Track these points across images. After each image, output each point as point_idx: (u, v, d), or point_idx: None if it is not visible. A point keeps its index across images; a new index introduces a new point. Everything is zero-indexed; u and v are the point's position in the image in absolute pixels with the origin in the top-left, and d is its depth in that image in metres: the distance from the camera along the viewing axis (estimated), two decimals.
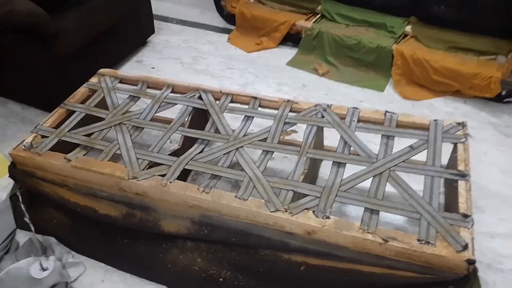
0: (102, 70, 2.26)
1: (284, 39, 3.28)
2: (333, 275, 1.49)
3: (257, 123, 2.03)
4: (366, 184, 1.59)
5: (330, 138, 1.97)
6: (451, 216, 1.44)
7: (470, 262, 1.30)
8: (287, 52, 3.21)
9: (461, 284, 1.34)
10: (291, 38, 3.26)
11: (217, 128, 1.89)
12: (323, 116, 1.87)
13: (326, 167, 1.88)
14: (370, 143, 1.78)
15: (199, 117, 2.03)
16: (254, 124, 1.95)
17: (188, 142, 1.90)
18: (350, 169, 1.65)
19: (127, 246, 1.76)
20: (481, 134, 2.43)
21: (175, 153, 1.84)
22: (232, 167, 1.72)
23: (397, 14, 3.10)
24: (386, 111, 1.86)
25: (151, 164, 1.75)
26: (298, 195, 1.59)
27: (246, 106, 2.00)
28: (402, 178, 1.59)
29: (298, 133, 2.31)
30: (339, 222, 1.45)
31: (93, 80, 2.21)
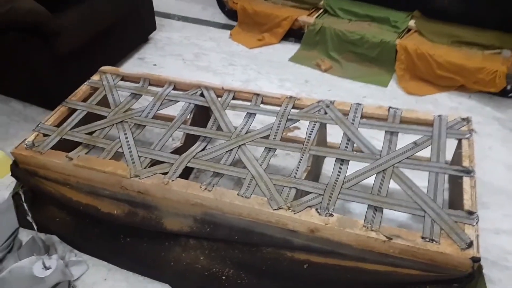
0: (104, 68, 2.26)
1: (287, 35, 3.25)
2: (337, 273, 1.48)
3: (260, 120, 2.02)
4: (370, 180, 1.58)
5: (334, 134, 1.96)
6: (455, 213, 1.43)
7: (475, 260, 1.29)
8: (290, 48, 3.19)
9: (466, 282, 1.33)
10: (294, 33, 3.23)
11: (219, 126, 1.88)
12: (326, 113, 1.86)
13: (329, 164, 1.87)
14: (373, 139, 1.76)
15: (201, 114, 2.02)
16: (257, 121, 1.94)
17: (190, 140, 1.89)
18: (354, 166, 1.63)
19: (130, 245, 1.75)
20: (485, 129, 2.41)
21: (177, 151, 1.83)
22: (234, 164, 1.71)
23: (401, 8, 3.07)
24: (389, 107, 1.84)
25: (153, 162, 1.74)
26: (301, 193, 1.58)
27: (248, 103, 1.98)
28: (406, 174, 1.57)
29: (301, 130, 2.29)
30: (342, 219, 1.44)
31: (95, 78, 2.20)
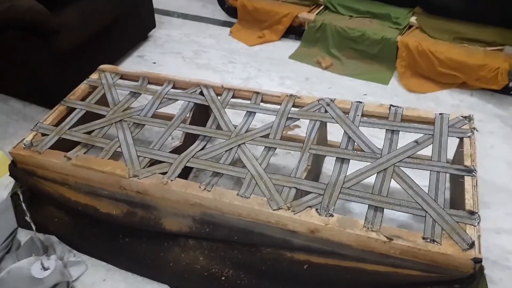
0: (103, 66, 2.24)
1: (287, 32, 3.23)
2: (337, 273, 1.47)
3: (260, 119, 2.00)
4: (371, 179, 1.57)
5: (334, 133, 1.94)
6: (457, 213, 1.41)
7: (477, 260, 1.28)
8: (290, 45, 3.17)
9: (467, 282, 1.32)
10: (294, 30, 3.21)
11: (218, 124, 1.87)
12: (326, 111, 1.84)
13: (330, 163, 1.85)
14: (374, 138, 1.74)
15: (201, 113, 2.01)
16: (257, 120, 1.92)
17: (189, 139, 1.88)
18: (354, 165, 1.62)
19: (129, 245, 1.74)
20: (487, 127, 2.39)
21: (176, 150, 1.82)
22: (234, 163, 1.70)
23: (402, 4, 3.06)
24: (390, 105, 1.82)
25: (152, 162, 1.73)
26: (301, 193, 1.57)
27: (248, 101, 1.97)
28: (407, 173, 1.56)
29: (302, 128, 2.28)
30: (342, 220, 1.43)
31: (94, 76, 2.19)
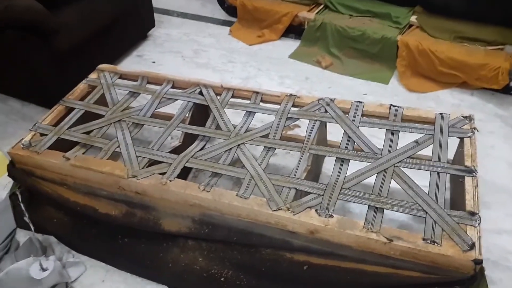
0: (102, 66, 2.23)
1: (287, 31, 3.22)
2: (337, 274, 1.46)
3: (259, 118, 2.00)
4: (371, 180, 1.56)
5: (334, 132, 1.93)
6: (457, 214, 1.40)
7: (477, 262, 1.27)
8: (290, 44, 3.16)
9: (468, 284, 1.31)
10: (294, 29, 3.20)
11: (218, 124, 1.86)
12: (326, 111, 1.83)
13: (329, 162, 1.85)
14: (374, 138, 1.74)
15: (200, 113, 2.00)
16: (256, 119, 1.91)
17: (189, 139, 1.87)
18: (354, 165, 1.61)
19: (128, 245, 1.74)
20: (488, 127, 2.38)
21: (175, 150, 1.81)
22: (233, 164, 1.69)
23: (402, 3, 3.05)
24: (390, 105, 1.82)
25: (151, 162, 1.72)
26: (301, 193, 1.56)
27: (248, 101, 1.96)
28: (407, 173, 1.55)
29: (301, 128, 2.27)
30: (342, 221, 1.42)
31: (93, 76, 2.18)
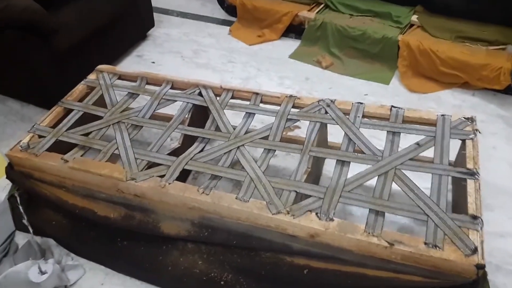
0: (101, 67, 2.21)
1: (287, 31, 3.20)
2: (337, 278, 1.45)
3: (259, 119, 1.98)
4: (372, 182, 1.54)
5: (335, 134, 1.92)
6: (459, 218, 1.39)
7: (480, 266, 1.26)
8: (290, 44, 3.14)
9: None
10: (294, 29, 3.18)
11: (217, 126, 1.84)
12: (326, 112, 1.82)
13: (330, 164, 1.83)
14: (374, 139, 1.72)
15: (199, 114, 1.99)
16: (256, 120, 1.90)
17: (188, 140, 1.86)
18: (355, 167, 1.60)
19: (127, 248, 1.72)
20: (489, 128, 2.36)
21: (175, 152, 1.80)
22: (233, 166, 1.68)
23: (403, 3, 3.03)
24: (391, 106, 1.80)
25: (150, 164, 1.71)
26: (301, 196, 1.54)
27: (247, 102, 1.94)
28: (408, 176, 1.54)
29: (302, 129, 2.25)
30: (343, 224, 1.41)
31: (91, 76, 2.16)
